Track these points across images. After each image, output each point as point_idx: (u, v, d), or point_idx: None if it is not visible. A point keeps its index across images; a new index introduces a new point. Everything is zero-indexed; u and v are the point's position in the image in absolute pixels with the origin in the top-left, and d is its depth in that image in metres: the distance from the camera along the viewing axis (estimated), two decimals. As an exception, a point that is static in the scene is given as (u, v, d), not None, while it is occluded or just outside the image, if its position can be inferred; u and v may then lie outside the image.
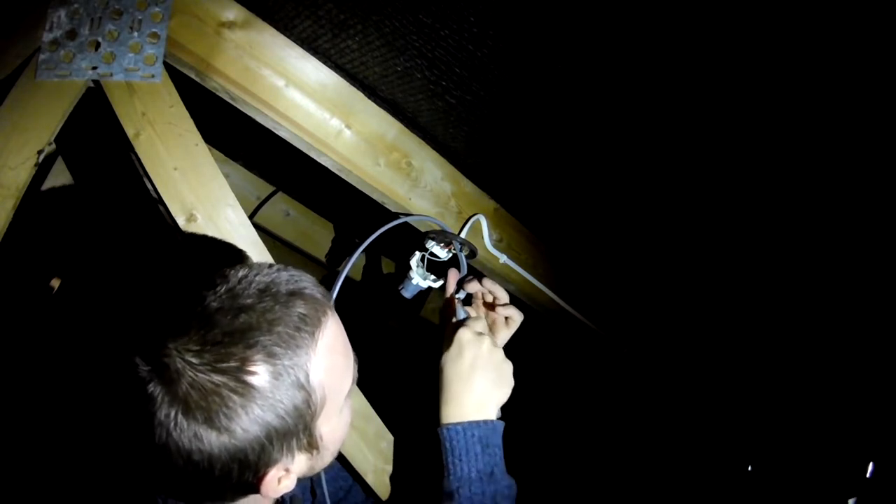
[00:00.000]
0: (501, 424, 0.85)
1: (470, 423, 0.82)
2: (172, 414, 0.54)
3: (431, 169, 1.13)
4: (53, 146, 0.85)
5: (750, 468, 1.76)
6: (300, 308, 0.60)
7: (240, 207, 0.92)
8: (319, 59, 0.96)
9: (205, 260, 0.87)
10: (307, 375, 0.59)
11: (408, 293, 1.08)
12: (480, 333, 0.87)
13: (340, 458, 0.96)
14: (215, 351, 0.54)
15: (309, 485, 0.94)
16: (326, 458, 0.70)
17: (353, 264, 0.98)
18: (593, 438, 2.15)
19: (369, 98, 1.03)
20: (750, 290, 1.37)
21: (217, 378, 0.54)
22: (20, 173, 0.80)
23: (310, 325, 0.60)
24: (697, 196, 1.06)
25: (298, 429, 0.60)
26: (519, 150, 1.08)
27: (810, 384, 1.63)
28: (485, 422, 0.83)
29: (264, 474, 0.60)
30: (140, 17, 0.85)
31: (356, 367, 0.73)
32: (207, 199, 0.89)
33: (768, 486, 1.70)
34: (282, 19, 0.91)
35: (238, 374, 0.54)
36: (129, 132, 0.85)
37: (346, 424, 0.73)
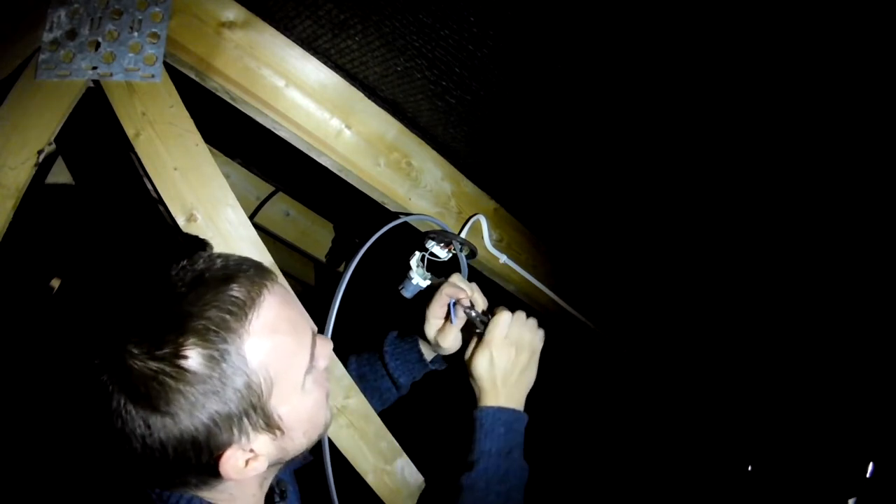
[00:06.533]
0: (526, 417, 0.97)
1: (500, 408, 0.93)
2: (122, 402, 0.58)
3: (431, 169, 1.13)
4: (53, 146, 0.85)
5: (750, 468, 1.76)
6: (232, 291, 0.62)
7: (240, 207, 0.92)
8: (319, 59, 0.96)
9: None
10: (244, 358, 0.61)
11: (408, 293, 1.09)
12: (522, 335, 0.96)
13: (340, 459, 0.97)
14: (152, 340, 0.58)
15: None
16: (297, 438, 0.69)
17: (354, 266, 0.99)
18: (593, 438, 2.15)
19: (369, 98, 1.02)
20: (750, 290, 1.37)
21: (154, 365, 0.57)
22: (20, 173, 0.80)
23: (243, 307, 0.62)
24: (697, 196, 1.06)
25: (247, 410, 0.62)
26: (519, 150, 1.08)
27: (810, 384, 1.63)
28: (514, 410, 0.95)
29: (220, 455, 0.62)
30: (140, 17, 0.85)
31: (326, 344, 0.76)
32: (207, 199, 0.89)
33: (768, 486, 1.70)
34: (282, 19, 0.91)
35: (173, 359, 0.57)
36: (129, 132, 0.85)
37: (317, 401, 0.71)
